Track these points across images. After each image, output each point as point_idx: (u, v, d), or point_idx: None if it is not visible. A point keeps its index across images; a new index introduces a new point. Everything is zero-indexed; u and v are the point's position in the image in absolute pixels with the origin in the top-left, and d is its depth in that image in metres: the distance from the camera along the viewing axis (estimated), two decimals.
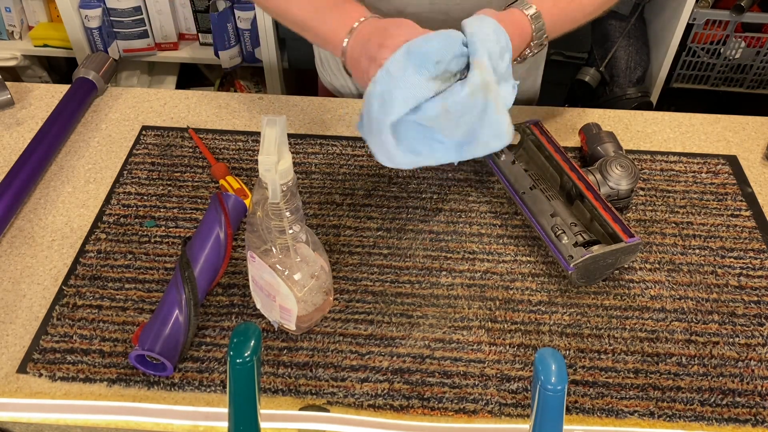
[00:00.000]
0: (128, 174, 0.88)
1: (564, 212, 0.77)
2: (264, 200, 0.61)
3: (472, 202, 0.85)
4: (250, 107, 0.99)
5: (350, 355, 0.69)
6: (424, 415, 0.65)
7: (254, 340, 0.50)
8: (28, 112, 0.98)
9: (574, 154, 0.92)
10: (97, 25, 1.72)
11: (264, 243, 0.65)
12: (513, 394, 0.67)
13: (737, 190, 0.87)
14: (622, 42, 1.73)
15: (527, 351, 0.70)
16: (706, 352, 0.70)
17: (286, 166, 0.58)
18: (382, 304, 0.74)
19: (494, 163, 0.85)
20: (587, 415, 0.65)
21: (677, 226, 0.83)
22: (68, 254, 0.78)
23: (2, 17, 1.80)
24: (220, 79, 2.01)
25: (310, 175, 0.88)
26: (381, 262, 0.78)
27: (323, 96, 1.06)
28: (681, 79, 1.83)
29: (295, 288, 0.66)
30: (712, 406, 0.66)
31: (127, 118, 0.97)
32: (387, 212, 0.83)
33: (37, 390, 0.66)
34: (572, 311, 0.74)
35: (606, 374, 0.68)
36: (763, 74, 1.79)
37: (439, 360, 0.69)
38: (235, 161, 0.90)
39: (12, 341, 0.70)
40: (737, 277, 0.78)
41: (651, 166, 0.90)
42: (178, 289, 0.69)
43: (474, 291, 0.75)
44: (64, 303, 0.73)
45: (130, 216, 0.83)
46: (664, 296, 0.75)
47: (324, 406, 0.65)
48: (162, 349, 0.65)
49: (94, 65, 1.00)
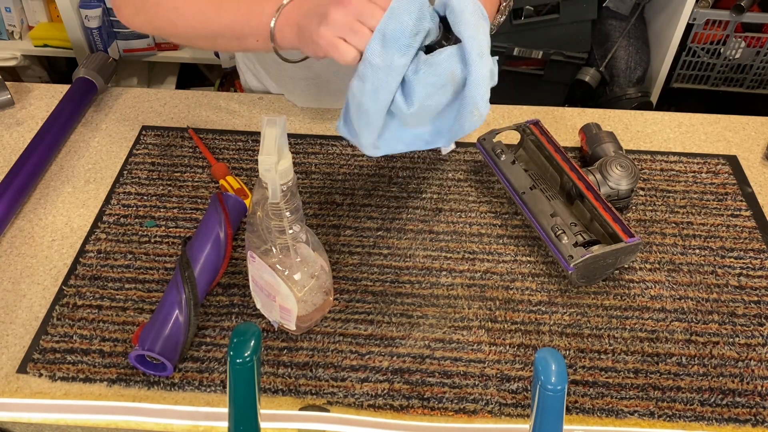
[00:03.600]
0: (128, 174, 0.88)
1: (564, 212, 0.77)
2: (264, 200, 0.61)
3: (472, 202, 0.85)
4: (250, 107, 0.99)
5: (350, 355, 0.69)
6: (424, 415, 0.65)
7: (254, 340, 0.50)
8: (28, 112, 0.98)
9: (574, 154, 0.92)
10: (97, 25, 1.72)
11: (264, 243, 0.65)
12: (513, 394, 0.67)
13: (737, 190, 0.87)
14: (622, 42, 1.73)
15: (527, 351, 0.70)
16: (706, 352, 0.70)
17: (286, 166, 0.58)
18: (382, 304, 0.74)
19: (494, 163, 0.85)
20: (587, 415, 0.65)
21: (677, 226, 0.83)
22: (68, 254, 0.78)
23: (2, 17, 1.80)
24: (220, 79, 2.01)
25: (310, 175, 0.88)
26: (381, 262, 0.78)
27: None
28: (681, 79, 1.83)
29: (295, 288, 0.66)
30: (712, 406, 0.66)
31: (127, 118, 0.97)
32: (387, 212, 0.83)
33: (37, 390, 0.66)
34: (572, 311, 0.74)
35: (606, 374, 0.68)
36: (763, 74, 1.79)
37: (439, 360, 0.69)
38: (235, 161, 0.90)
39: (12, 341, 0.70)
40: (737, 277, 0.78)
41: (651, 166, 0.90)
42: (178, 289, 0.69)
43: (474, 291, 0.75)
44: (64, 303, 0.73)
45: (130, 216, 0.83)
46: (664, 296, 0.75)
47: (324, 406, 0.65)
48: (162, 349, 0.65)
49: (94, 65, 1.00)
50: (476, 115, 0.62)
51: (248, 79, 1.05)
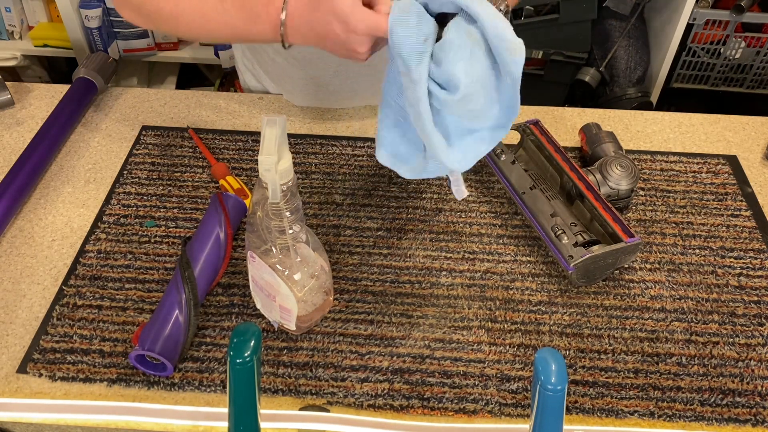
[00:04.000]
0: (128, 174, 0.88)
1: (564, 212, 0.77)
2: (264, 200, 0.61)
3: (472, 202, 0.85)
4: (250, 107, 0.99)
5: (350, 355, 0.69)
6: (424, 415, 0.65)
7: (254, 340, 0.50)
8: (28, 112, 0.98)
9: (574, 154, 0.92)
10: (97, 25, 1.72)
11: (264, 243, 0.65)
12: (513, 394, 0.67)
13: (737, 190, 0.87)
14: (622, 42, 1.73)
15: (527, 351, 0.70)
16: (706, 352, 0.70)
17: (286, 166, 0.58)
18: (382, 304, 0.74)
19: (494, 163, 0.85)
20: (587, 415, 0.65)
21: (677, 226, 0.83)
22: (68, 254, 0.78)
23: (2, 17, 1.80)
24: (220, 79, 2.00)
25: (310, 175, 0.88)
26: (381, 262, 0.78)
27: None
28: (681, 79, 1.83)
29: (295, 288, 0.66)
30: (712, 406, 0.66)
31: (127, 118, 0.97)
32: (387, 212, 0.83)
33: (37, 390, 0.66)
34: (572, 311, 0.74)
35: (606, 374, 0.68)
36: (763, 74, 1.79)
37: (439, 360, 0.69)
38: (235, 161, 0.90)
39: (12, 341, 0.70)
40: (737, 277, 0.78)
41: (651, 166, 0.90)
42: (178, 289, 0.69)
43: (474, 291, 0.75)
44: (64, 303, 0.73)
45: (130, 216, 0.83)
46: (664, 296, 0.75)
47: (324, 406, 0.65)
48: (162, 349, 0.65)
49: (94, 65, 1.00)
50: (512, 50, 0.57)
51: (247, 80, 1.05)
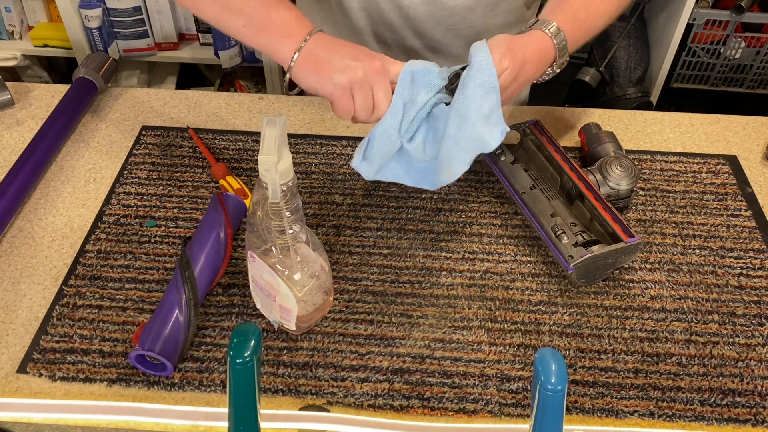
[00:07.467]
0: (128, 174, 0.88)
1: (564, 212, 0.77)
2: (264, 200, 0.61)
3: (472, 202, 0.85)
4: (250, 107, 0.99)
5: (350, 355, 0.69)
6: (424, 415, 0.65)
7: (254, 340, 0.50)
8: (28, 112, 0.98)
9: (574, 154, 0.92)
10: (97, 25, 1.72)
11: (264, 243, 0.65)
12: (513, 394, 0.67)
13: (737, 190, 0.87)
14: (622, 42, 1.73)
15: (527, 351, 0.70)
16: (706, 352, 0.70)
17: (286, 166, 0.58)
18: (382, 304, 0.74)
19: (494, 163, 0.85)
20: (587, 415, 0.65)
21: (677, 226, 0.83)
22: (68, 254, 0.78)
23: (2, 17, 1.80)
24: (220, 79, 2.01)
25: (310, 175, 0.88)
26: (381, 262, 0.78)
27: None
28: (681, 79, 1.83)
29: (295, 288, 0.66)
30: (712, 406, 0.66)
31: (127, 118, 0.97)
32: (387, 212, 0.83)
33: (37, 390, 0.66)
34: (572, 311, 0.74)
35: (606, 374, 0.68)
36: (763, 74, 1.79)
37: (439, 360, 0.69)
38: (235, 161, 0.90)
39: (12, 341, 0.70)
40: (737, 277, 0.78)
41: (651, 166, 0.90)
42: (178, 289, 0.69)
43: (474, 291, 0.75)
44: (64, 303, 0.73)
45: (130, 216, 0.83)
46: (664, 296, 0.75)
47: (324, 406, 0.65)
48: (162, 349, 0.65)
49: (94, 65, 1.00)
50: (447, 172, 0.72)
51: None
